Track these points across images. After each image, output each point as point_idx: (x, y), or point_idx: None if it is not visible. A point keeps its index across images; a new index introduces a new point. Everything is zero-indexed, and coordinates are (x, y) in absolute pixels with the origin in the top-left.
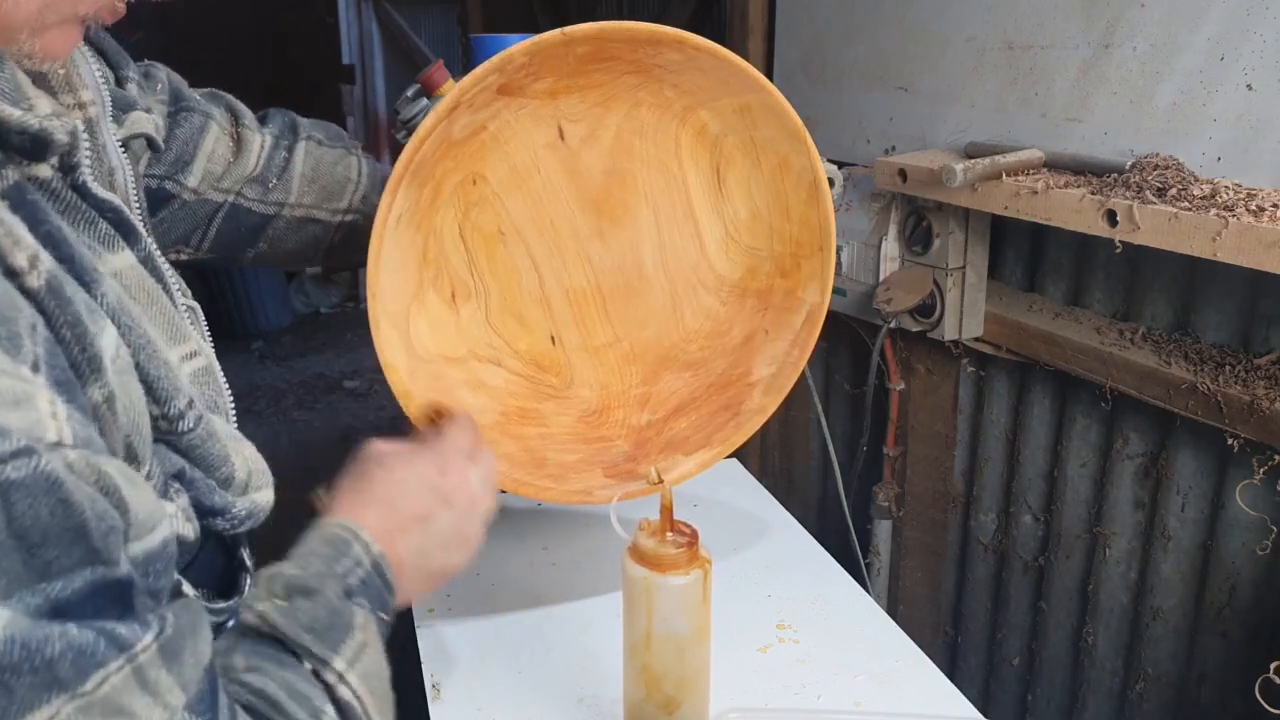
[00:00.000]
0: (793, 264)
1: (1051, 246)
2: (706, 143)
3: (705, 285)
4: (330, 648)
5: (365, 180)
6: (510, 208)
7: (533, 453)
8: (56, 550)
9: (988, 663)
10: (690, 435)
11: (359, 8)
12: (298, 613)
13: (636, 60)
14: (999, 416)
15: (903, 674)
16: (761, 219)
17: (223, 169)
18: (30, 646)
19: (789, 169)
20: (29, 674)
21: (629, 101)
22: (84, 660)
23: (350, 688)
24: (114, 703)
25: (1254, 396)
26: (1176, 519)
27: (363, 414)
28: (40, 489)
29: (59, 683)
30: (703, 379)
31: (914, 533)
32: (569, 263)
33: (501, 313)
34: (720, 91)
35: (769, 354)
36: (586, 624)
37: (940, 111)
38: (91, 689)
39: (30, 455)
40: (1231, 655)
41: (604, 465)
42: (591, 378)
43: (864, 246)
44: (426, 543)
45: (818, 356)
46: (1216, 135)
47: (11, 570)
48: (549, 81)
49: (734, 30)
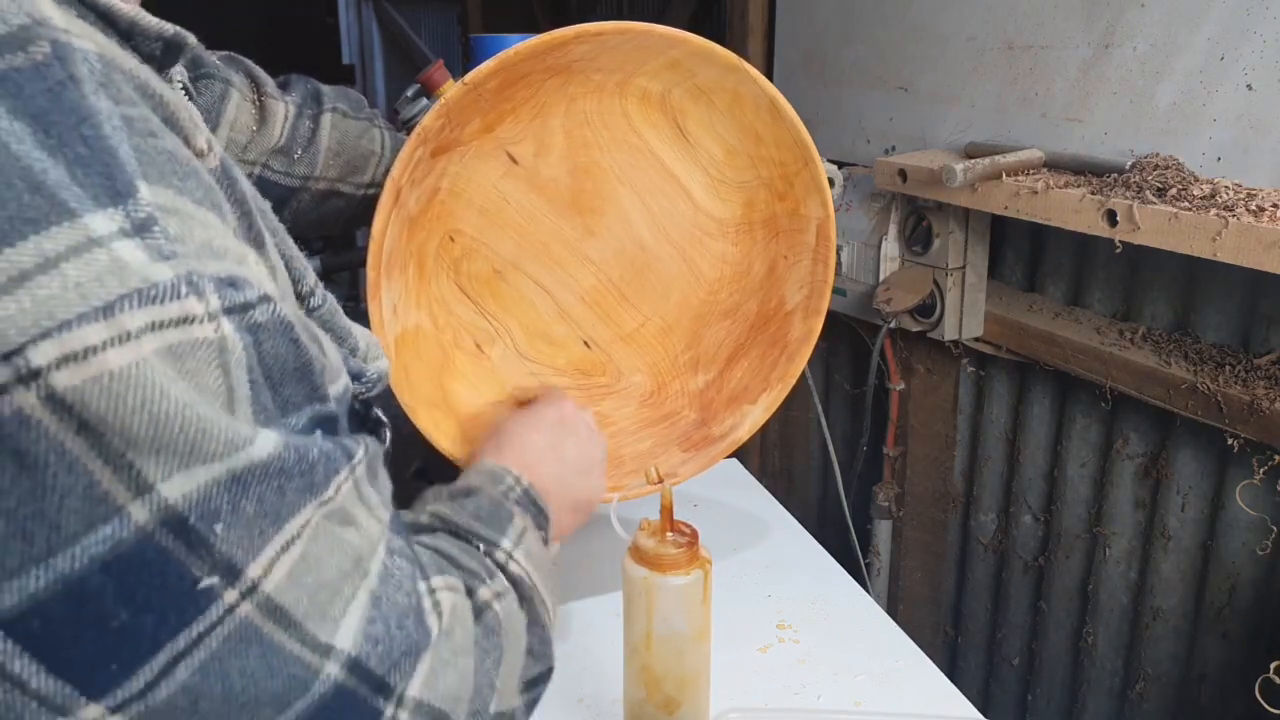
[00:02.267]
0: (785, 185)
1: (1051, 246)
2: (654, 104)
3: (709, 233)
4: (497, 530)
5: (389, 153)
6: (496, 246)
7: (609, 456)
8: (291, 388)
9: (988, 663)
10: (749, 382)
11: (359, 8)
12: (464, 506)
13: (550, 66)
14: (999, 416)
15: (903, 674)
16: (737, 152)
17: (247, 138)
18: (300, 451)
19: (742, 99)
20: (298, 476)
21: (562, 100)
22: (330, 465)
23: (519, 564)
24: (345, 511)
25: (1254, 396)
26: (1176, 519)
27: None
28: (279, 331)
29: (313, 488)
30: (742, 323)
31: (914, 533)
32: (572, 270)
33: (529, 341)
34: (643, 58)
35: (795, 279)
36: (586, 624)
37: (940, 111)
38: (332, 495)
39: (268, 302)
40: (1231, 655)
41: (678, 440)
42: (637, 363)
43: (864, 246)
44: (563, 469)
45: (818, 356)
46: (1216, 135)
47: (268, 406)
48: (476, 122)
49: (734, 30)
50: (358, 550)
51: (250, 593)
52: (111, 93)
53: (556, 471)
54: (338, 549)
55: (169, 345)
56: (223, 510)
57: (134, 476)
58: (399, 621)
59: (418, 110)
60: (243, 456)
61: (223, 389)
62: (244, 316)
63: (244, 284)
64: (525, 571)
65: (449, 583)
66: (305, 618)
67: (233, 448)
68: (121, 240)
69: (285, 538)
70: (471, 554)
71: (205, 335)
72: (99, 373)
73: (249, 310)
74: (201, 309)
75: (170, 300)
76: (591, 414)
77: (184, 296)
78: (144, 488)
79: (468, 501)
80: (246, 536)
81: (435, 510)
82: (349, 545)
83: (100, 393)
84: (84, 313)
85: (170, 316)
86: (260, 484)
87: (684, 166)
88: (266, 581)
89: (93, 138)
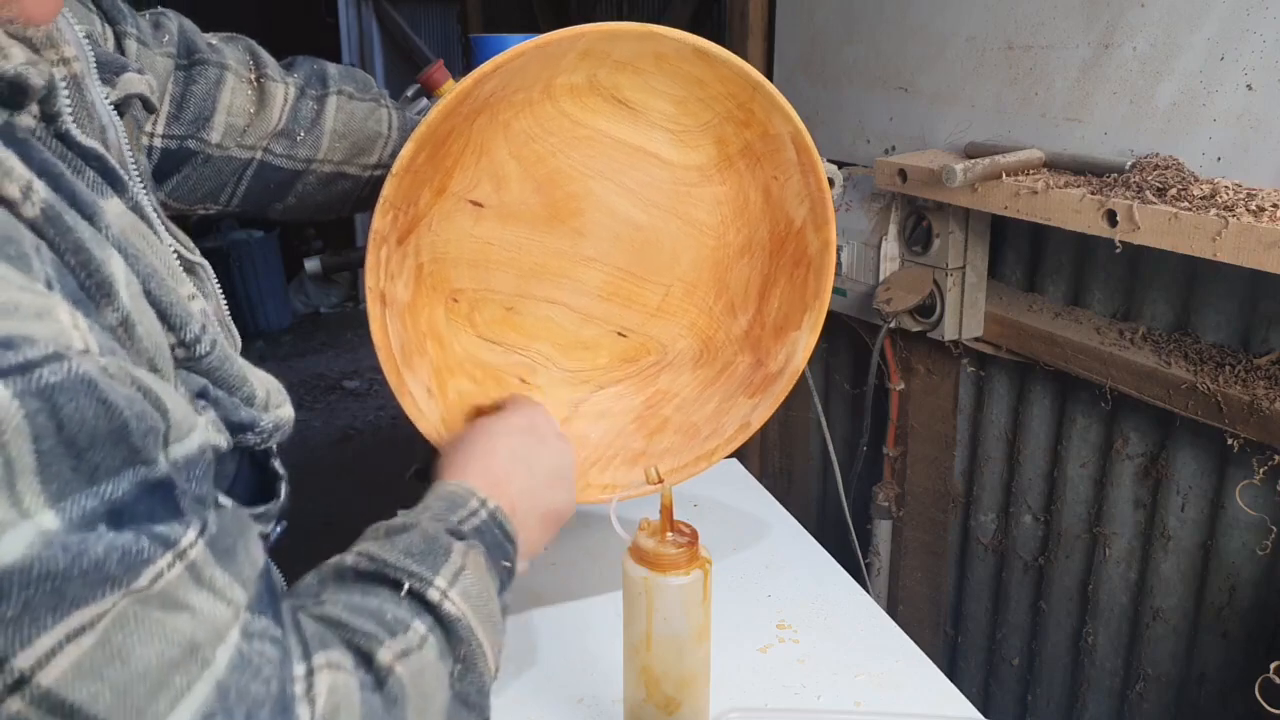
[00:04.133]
0: (744, 113)
1: (1051, 246)
2: (585, 92)
3: (694, 183)
4: (429, 568)
5: (396, 134)
6: (497, 287)
7: (684, 429)
8: (102, 453)
9: (988, 663)
10: (788, 308)
11: (359, 8)
12: (395, 543)
13: (468, 112)
14: (999, 416)
15: (903, 674)
16: (686, 99)
17: (245, 122)
18: (72, 550)
19: (665, 57)
20: (78, 576)
21: (498, 130)
22: (130, 559)
23: (453, 603)
24: (172, 597)
25: (1254, 396)
26: (1176, 519)
27: (362, 414)
28: (80, 390)
29: (110, 579)
30: (760, 254)
31: (914, 533)
32: (577, 275)
33: (566, 354)
34: (553, 62)
35: (792, 195)
36: (586, 624)
37: (940, 111)
38: (146, 584)
39: (62, 360)
40: (1231, 655)
41: (741, 388)
42: (676, 330)
43: (864, 246)
44: (532, 483)
45: (818, 356)
46: (1216, 135)
47: (62, 475)
48: (425, 193)
49: (734, 30)
50: (191, 638)
51: (18, 687)
52: None
53: (525, 486)
54: (157, 638)
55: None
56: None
57: None
58: (249, 715)
59: (418, 110)
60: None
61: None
62: (26, 378)
63: (23, 343)
64: (461, 613)
65: (332, 659)
66: (108, 716)
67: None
68: None
69: (69, 627)
70: (368, 614)
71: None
72: None
73: (30, 371)
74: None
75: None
76: (559, 422)
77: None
78: None
79: (400, 538)
80: (10, 630)
81: (363, 549)
82: (178, 632)
83: None
84: None
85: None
86: (24, 589)
87: (642, 133)
88: (42, 675)
89: None
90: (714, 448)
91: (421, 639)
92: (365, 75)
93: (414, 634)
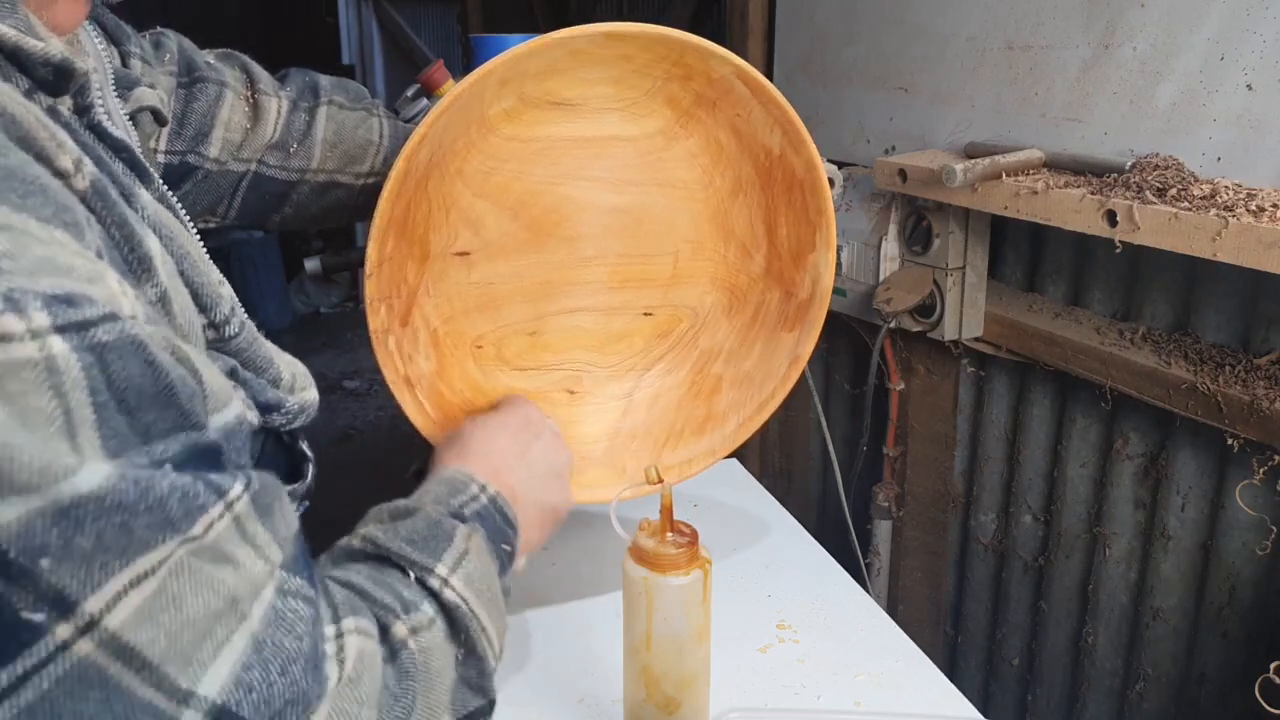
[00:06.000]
0: (681, 68)
1: (1051, 246)
2: (521, 110)
3: (661, 147)
4: (430, 555)
5: (387, 142)
6: (513, 319)
7: (738, 382)
8: (153, 413)
9: (988, 663)
10: (798, 235)
11: (359, 8)
12: (398, 529)
13: (417, 181)
14: (999, 416)
15: (903, 674)
16: (621, 77)
17: (241, 137)
18: (142, 485)
19: (581, 51)
20: (144, 513)
21: (454, 180)
22: (189, 502)
23: (454, 590)
24: (221, 550)
25: (1254, 396)
26: (1176, 519)
27: (363, 414)
28: (130, 351)
29: (171, 524)
30: (752, 190)
31: (914, 533)
32: (583, 277)
33: (600, 352)
34: (475, 108)
35: (760, 125)
36: (586, 624)
37: (940, 111)
38: (200, 533)
39: (116, 320)
40: (1231, 655)
41: (778, 324)
42: (698, 289)
43: (864, 246)
44: (530, 476)
45: (818, 356)
46: (1216, 135)
47: (119, 431)
48: (409, 270)
49: (734, 31)
50: (233, 591)
51: (89, 629)
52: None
53: (524, 478)
54: (206, 588)
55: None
56: (50, 545)
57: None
58: (283, 668)
59: (418, 110)
60: (65, 488)
61: (57, 413)
62: (82, 335)
63: (83, 301)
64: (462, 598)
65: (360, 625)
66: (163, 660)
67: (50, 479)
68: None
69: (134, 573)
70: (386, 587)
71: (27, 354)
72: None
73: (88, 329)
74: (21, 326)
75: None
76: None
77: (0, 313)
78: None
79: (404, 523)
80: (83, 570)
81: (367, 533)
82: (223, 585)
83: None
84: None
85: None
86: (97, 519)
87: (592, 123)
88: (110, 618)
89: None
90: (771, 390)
91: (430, 620)
92: (358, 86)
93: (424, 615)
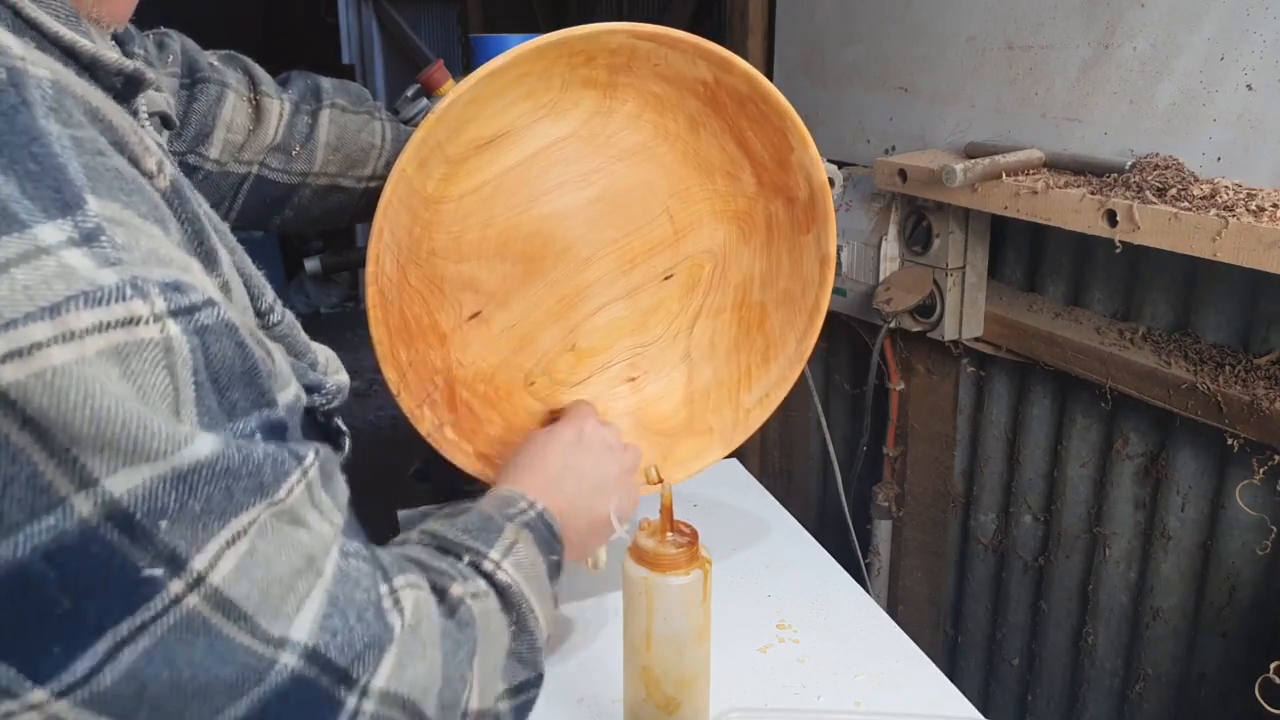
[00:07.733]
0: (580, 57)
1: (1051, 246)
2: (452, 172)
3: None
4: (484, 542)
5: (389, 145)
6: (549, 344)
7: (781, 301)
8: (239, 392)
9: (988, 663)
10: (771, 140)
11: (359, 8)
12: (454, 523)
13: (396, 286)
14: (999, 416)
15: (903, 674)
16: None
17: (243, 139)
18: (244, 452)
19: (478, 99)
20: (245, 477)
21: (433, 261)
22: (278, 468)
23: (507, 572)
24: (296, 513)
25: (1254, 396)
26: (1176, 519)
27: (363, 414)
28: (224, 334)
29: (263, 488)
30: (708, 120)
31: (914, 533)
32: (590, 278)
33: (643, 331)
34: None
35: (681, 64)
36: (586, 624)
37: (940, 111)
38: (283, 497)
39: (214, 306)
40: (1231, 655)
41: (793, 230)
42: (707, 231)
43: (864, 246)
44: (577, 490)
45: (818, 356)
46: (1216, 135)
47: (211, 409)
48: (433, 360)
49: (734, 30)
50: (310, 550)
51: (197, 585)
52: (62, 116)
53: (571, 492)
54: (288, 547)
55: (114, 346)
56: (169, 507)
57: (78, 470)
58: (359, 616)
59: (418, 110)
60: (186, 455)
61: (169, 390)
62: (190, 319)
63: (189, 288)
64: (513, 580)
65: (411, 580)
66: (256, 611)
67: (174, 446)
68: (69, 248)
69: (231, 533)
70: (445, 559)
71: (150, 336)
72: (42, 369)
73: (195, 313)
74: (146, 310)
75: (115, 302)
76: (614, 429)
77: (129, 299)
78: (88, 482)
79: (458, 519)
80: (190, 531)
81: (426, 527)
82: (301, 544)
83: (43, 388)
84: (30, 313)
85: (115, 318)
86: (208, 483)
87: (526, 142)
88: (213, 574)
89: (43, 155)
90: (814, 298)
91: (485, 591)
92: (360, 88)
93: (477, 584)
